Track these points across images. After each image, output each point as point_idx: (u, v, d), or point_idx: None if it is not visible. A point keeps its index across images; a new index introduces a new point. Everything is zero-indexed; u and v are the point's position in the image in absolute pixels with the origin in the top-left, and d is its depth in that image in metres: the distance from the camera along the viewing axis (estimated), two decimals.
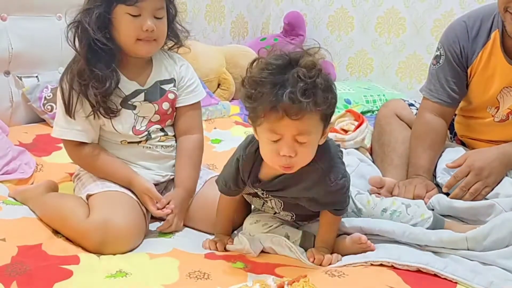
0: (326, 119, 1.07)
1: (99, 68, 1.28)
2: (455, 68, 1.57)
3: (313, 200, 1.18)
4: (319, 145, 1.10)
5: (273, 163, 1.09)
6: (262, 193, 1.22)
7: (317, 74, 1.02)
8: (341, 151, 1.23)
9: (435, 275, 1.11)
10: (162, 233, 1.34)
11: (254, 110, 1.05)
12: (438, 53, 1.61)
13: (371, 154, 1.85)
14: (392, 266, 1.14)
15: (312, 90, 1.01)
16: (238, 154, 1.19)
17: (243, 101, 1.07)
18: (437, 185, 1.55)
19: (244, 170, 1.18)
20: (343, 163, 1.19)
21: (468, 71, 1.57)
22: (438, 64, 1.60)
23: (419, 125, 1.62)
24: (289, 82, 1.00)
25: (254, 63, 1.07)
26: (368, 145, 1.88)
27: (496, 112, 1.56)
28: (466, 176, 1.43)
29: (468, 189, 1.42)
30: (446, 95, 1.59)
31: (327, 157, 1.14)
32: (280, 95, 1.00)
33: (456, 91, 1.59)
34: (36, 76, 2.04)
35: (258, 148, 1.14)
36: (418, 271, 1.13)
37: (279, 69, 1.02)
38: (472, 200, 1.40)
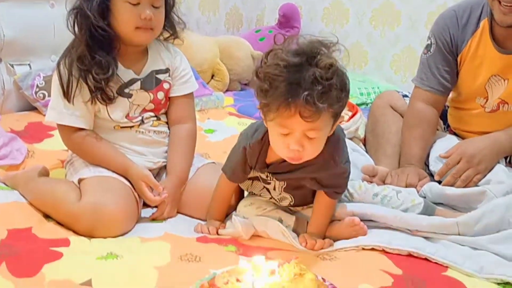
0: (336, 115, 1.08)
1: (100, 54, 1.29)
2: (446, 56, 1.59)
3: (316, 180, 1.19)
4: None
5: (282, 154, 1.11)
6: (267, 176, 1.22)
7: (334, 75, 1.01)
8: (345, 135, 1.24)
9: (426, 259, 1.12)
10: (154, 219, 1.33)
11: (266, 105, 1.05)
12: (429, 42, 1.62)
13: (364, 145, 1.86)
14: (383, 250, 1.15)
15: (328, 93, 1.00)
16: (245, 142, 1.19)
17: (256, 93, 1.07)
18: (430, 174, 1.56)
19: (251, 157, 1.18)
20: (346, 147, 1.20)
21: (458, 59, 1.59)
22: (429, 52, 1.61)
23: (411, 115, 1.63)
24: (306, 82, 0.99)
25: (270, 55, 1.06)
26: (362, 136, 1.89)
27: (486, 102, 1.57)
28: (458, 163, 1.44)
29: (460, 176, 1.42)
30: (437, 83, 1.60)
31: (333, 141, 1.14)
32: (295, 95, 0.99)
33: (447, 79, 1.60)
34: (28, 64, 2.02)
35: (264, 135, 1.15)
36: (409, 255, 1.13)
37: (296, 67, 1.01)
38: (464, 187, 1.41)
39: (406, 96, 1.80)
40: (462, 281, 1.04)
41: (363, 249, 1.16)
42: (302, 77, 0.99)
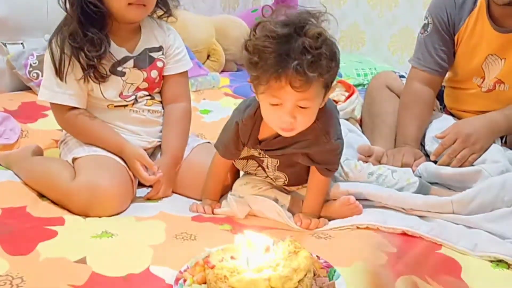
0: (327, 85, 1.08)
1: (92, 31, 1.27)
2: (443, 36, 1.58)
3: (308, 156, 1.19)
4: None
5: (274, 126, 1.11)
6: (260, 154, 1.22)
7: (323, 44, 1.01)
8: (339, 112, 1.23)
9: (420, 237, 1.12)
10: (149, 199, 1.33)
11: (257, 77, 1.04)
12: (426, 21, 1.61)
13: (360, 126, 1.85)
14: (378, 229, 1.15)
15: (318, 62, 1.00)
16: (237, 117, 1.19)
17: (246, 66, 1.06)
18: (426, 154, 1.56)
19: (244, 133, 1.18)
20: (340, 124, 1.20)
21: (455, 38, 1.58)
22: (426, 32, 1.60)
23: (407, 95, 1.62)
24: (295, 52, 0.99)
25: (258, 28, 1.05)
26: (358, 116, 1.88)
27: (482, 82, 1.56)
28: (454, 143, 1.44)
29: (455, 156, 1.42)
30: (434, 63, 1.59)
31: (326, 116, 1.14)
32: (285, 65, 0.99)
33: (443, 59, 1.59)
34: (21, 43, 2.00)
35: (256, 110, 1.14)
36: (404, 234, 1.13)
37: (285, 38, 1.00)
38: (459, 167, 1.41)
39: (403, 76, 1.79)
40: (456, 259, 1.05)
41: (358, 227, 1.16)
42: (291, 47, 0.99)
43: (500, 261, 1.06)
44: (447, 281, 0.97)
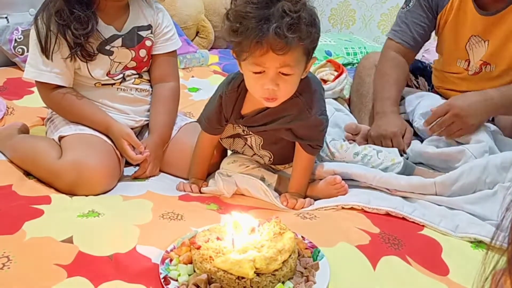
0: (308, 53, 1.08)
1: (79, 9, 1.24)
2: (424, 12, 1.60)
3: (292, 131, 1.19)
4: (301, 80, 1.11)
5: (257, 95, 1.11)
6: (244, 130, 1.22)
7: (302, 8, 1.02)
8: (323, 89, 1.24)
9: (403, 218, 1.14)
10: (136, 178, 1.34)
11: (238, 44, 1.04)
12: None
13: (349, 105, 1.85)
14: (362, 209, 1.17)
15: (297, 25, 1.01)
16: (221, 90, 1.19)
17: (227, 35, 1.06)
18: (415, 133, 1.57)
19: (227, 106, 1.18)
20: (324, 101, 1.20)
21: (438, 18, 1.59)
22: (407, 7, 1.63)
23: (384, 62, 1.65)
24: (275, 16, 1.00)
25: None
26: (347, 96, 1.88)
27: (468, 65, 1.56)
28: (445, 114, 1.42)
29: (446, 128, 1.42)
30: (410, 37, 1.62)
31: (309, 91, 1.15)
32: (265, 29, 0.99)
33: (420, 34, 1.62)
34: (6, 17, 1.96)
35: (240, 83, 1.15)
36: (387, 214, 1.15)
37: (264, 3, 1.01)
38: (446, 139, 1.42)
39: None
40: (438, 240, 1.07)
41: (343, 208, 1.18)
42: (271, 12, 1.00)
43: (480, 242, 1.08)
44: (427, 262, 0.99)
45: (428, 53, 2.34)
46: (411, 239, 1.06)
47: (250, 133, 1.23)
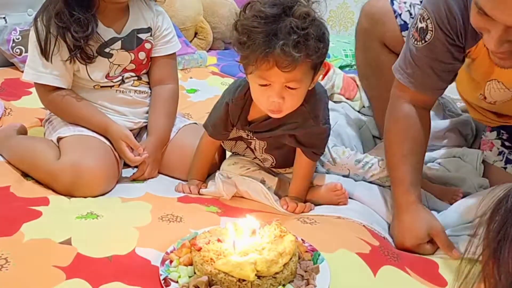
0: (316, 67, 1.08)
1: (78, 11, 1.24)
2: (448, 49, 1.11)
3: (295, 138, 1.19)
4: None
5: (263, 107, 1.11)
6: (248, 135, 1.22)
7: (310, 24, 1.01)
8: (328, 97, 1.23)
9: None
10: (135, 180, 1.33)
11: (245, 57, 1.05)
12: (423, 25, 1.11)
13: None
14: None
15: (305, 43, 1.00)
16: (227, 98, 1.19)
17: (235, 46, 1.06)
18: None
19: (234, 113, 1.18)
20: (328, 109, 1.20)
21: (466, 53, 1.13)
22: (423, 42, 1.12)
23: (394, 121, 1.21)
24: (282, 32, 0.99)
25: (247, 8, 1.05)
26: (338, 90, 1.88)
27: (484, 98, 1.25)
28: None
29: None
30: (430, 86, 1.16)
31: (314, 100, 1.15)
32: (272, 46, 0.99)
33: (444, 80, 1.16)
34: (4, 18, 1.95)
35: (247, 91, 1.15)
36: None
37: (272, 18, 1.00)
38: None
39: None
40: (435, 260, 1.06)
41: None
42: (279, 27, 0.99)
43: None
44: (426, 274, 0.99)
45: None
46: (409, 255, 1.07)
47: (254, 137, 1.22)
